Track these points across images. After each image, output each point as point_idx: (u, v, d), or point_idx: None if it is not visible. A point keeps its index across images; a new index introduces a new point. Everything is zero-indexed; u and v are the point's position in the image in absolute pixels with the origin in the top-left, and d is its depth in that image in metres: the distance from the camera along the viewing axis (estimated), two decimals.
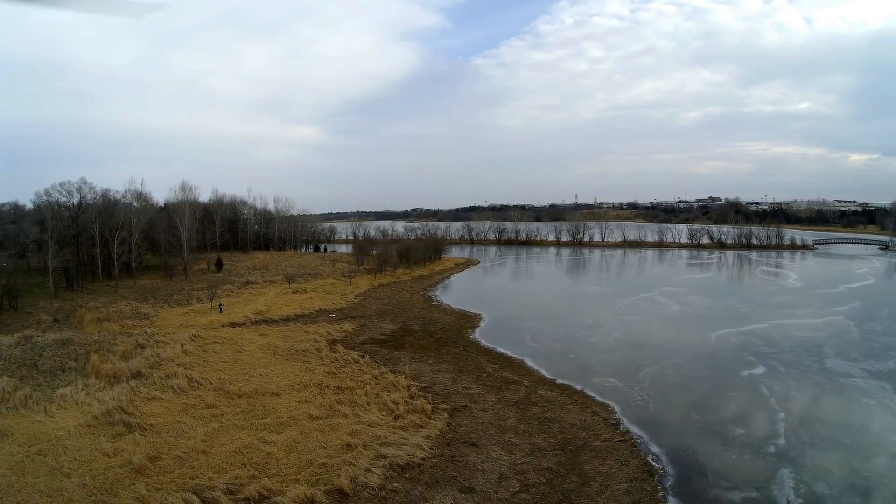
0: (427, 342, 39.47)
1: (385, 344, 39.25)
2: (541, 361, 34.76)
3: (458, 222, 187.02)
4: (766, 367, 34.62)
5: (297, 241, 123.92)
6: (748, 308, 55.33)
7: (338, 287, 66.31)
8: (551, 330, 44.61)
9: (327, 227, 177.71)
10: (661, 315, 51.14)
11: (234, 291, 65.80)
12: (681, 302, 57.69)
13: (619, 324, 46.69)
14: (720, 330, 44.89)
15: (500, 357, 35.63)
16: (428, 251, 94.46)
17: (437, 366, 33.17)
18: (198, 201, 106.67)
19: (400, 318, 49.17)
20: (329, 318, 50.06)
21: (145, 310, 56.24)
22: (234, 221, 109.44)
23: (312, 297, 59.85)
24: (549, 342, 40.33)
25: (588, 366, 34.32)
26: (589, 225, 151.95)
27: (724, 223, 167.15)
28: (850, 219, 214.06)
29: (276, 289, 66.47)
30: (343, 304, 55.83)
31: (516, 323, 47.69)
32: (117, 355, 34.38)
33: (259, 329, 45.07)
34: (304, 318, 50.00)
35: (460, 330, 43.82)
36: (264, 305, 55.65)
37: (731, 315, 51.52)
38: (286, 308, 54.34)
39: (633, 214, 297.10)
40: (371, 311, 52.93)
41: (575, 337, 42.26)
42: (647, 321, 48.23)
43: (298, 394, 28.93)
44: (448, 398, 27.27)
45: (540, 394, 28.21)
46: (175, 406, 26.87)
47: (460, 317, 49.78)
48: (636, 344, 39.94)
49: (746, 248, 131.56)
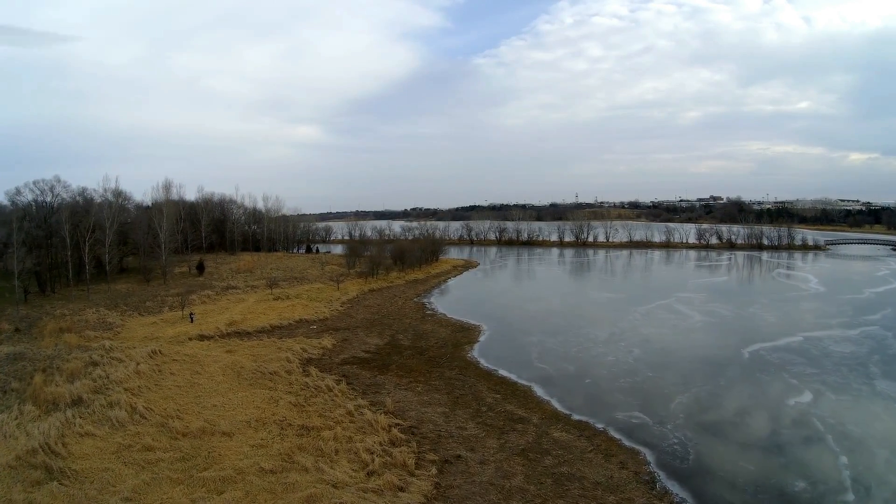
0: (417, 362, 33.85)
1: (368, 364, 33.68)
2: (551, 389, 29.23)
3: (458, 222, 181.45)
4: (812, 394, 29.67)
5: (289, 242, 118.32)
6: (775, 317, 49.98)
7: (324, 293, 60.75)
8: (561, 346, 38.96)
9: (322, 226, 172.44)
10: (682, 327, 45.57)
11: (211, 297, 60.31)
12: (701, 310, 52.12)
13: (637, 338, 41.11)
14: (752, 345, 39.57)
15: (503, 383, 30.01)
16: (424, 252, 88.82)
17: (426, 395, 27.60)
18: (185, 200, 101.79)
19: (388, 330, 43.56)
20: (309, 329, 44.55)
21: (112, 318, 51.22)
22: (223, 221, 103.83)
23: (294, 304, 54.29)
24: (560, 362, 34.66)
25: (608, 394, 28.74)
26: (593, 225, 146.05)
27: (727, 222, 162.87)
28: (855, 218, 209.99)
29: (256, 295, 60.93)
30: (326, 314, 50.21)
31: (520, 337, 42.00)
32: (64, 375, 30.67)
33: (228, 343, 39.83)
34: (281, 330, 44.49)
35: (456, 346, 38.22)
36: (240, 314, 50.17)
37: (759, 326, 46.12)
38: (263, 317, 48.86)
39: (635, 214, 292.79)
40: (357, 321, 47.33)
41: (589, 355, 36.58)
42: (669, 334, 42.69)
43: (254, 434, 23.57)
44: (438, 444, 21.71)
45: (553, 436, 22.64)
46: (109, 446, 22.03)
47: (457, 329, 44.18)
48: (661, 364, 34.40)
49: (757, 248, 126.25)
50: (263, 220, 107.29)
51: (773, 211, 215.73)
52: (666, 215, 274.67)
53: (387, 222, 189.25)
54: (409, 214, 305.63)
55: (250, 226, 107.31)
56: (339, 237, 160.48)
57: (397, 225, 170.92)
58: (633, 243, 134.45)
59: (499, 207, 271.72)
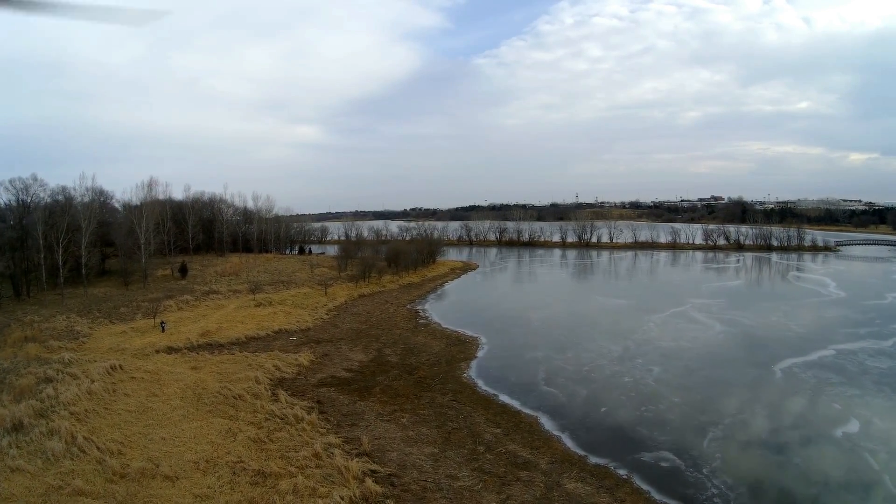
0: (405, 384, 29.39)
1: (347, 386, 29.26)
2: (562, 420, 24.85)
3: (457, 222, 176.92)
4: (859, 422, 25.65)
5: (281, 243, 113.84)
6: (801, 327, 45.71)
7: (310, 298, 56.35)
8: (570, 364, 34.42)
9: (319, 226, 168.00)
10: (703, 339, 41.12)
11: (189, 303, 55.97)
12: (721, 319, 47.68)
13: (655, 353, 36.64)
14: (782, 360, 35.36)
15: (504, 412, 25.58)
16: (420, 254, 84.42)
17: (412, 429, 23.18)
18: (173, 199, 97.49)
19: (375, 343, 39.08)
20: (288, 341, 40.20)
21: (81, 326, 47.29)
22: (212, 222, 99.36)
23: (276, 312, 49.90)
24: (570, 385, 30.11)
25: (629, 428, 24.30)
26: (596, 225, 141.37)
27: (730, 223, 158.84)
28: (860, 218, 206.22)
29: (238, 300, 56.54)
30: (309, 323, 45.79)
31: (523, 352, 37.39)
32: (13, 393, 27.73)
33: (196, 358, 35.72)
34: (257, 342, 40.14)
35: (451, 363, 33.75)
36: (216, 323, 45.84)
37: (785, 337, 41.84)
38: (241, 327, 44.57)
39: (637, 214, 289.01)
40: (342, 332, 42.89)
41: (602, 375, 32.00)
42: (690, 348, 38.26)
43: (201, 479, 19.46)
44: (422, 502, 17.31)
45: (566, 489, 18.24)
46: (37, 486, 18.61)
47: (452, 342, 39.71)
48: (685, 386, 30.01)
49: (766, 249, 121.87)
50: (254, 221, 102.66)
51: (776, 211, 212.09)
52: (668, 215, 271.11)
53: (384, 222, 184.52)
54: (408, 214, 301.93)
55: (240, 226, 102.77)
56: (336, 237, 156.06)
57: (394, 225, 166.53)
58: (638, 244, 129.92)
59: (499, 207, 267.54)
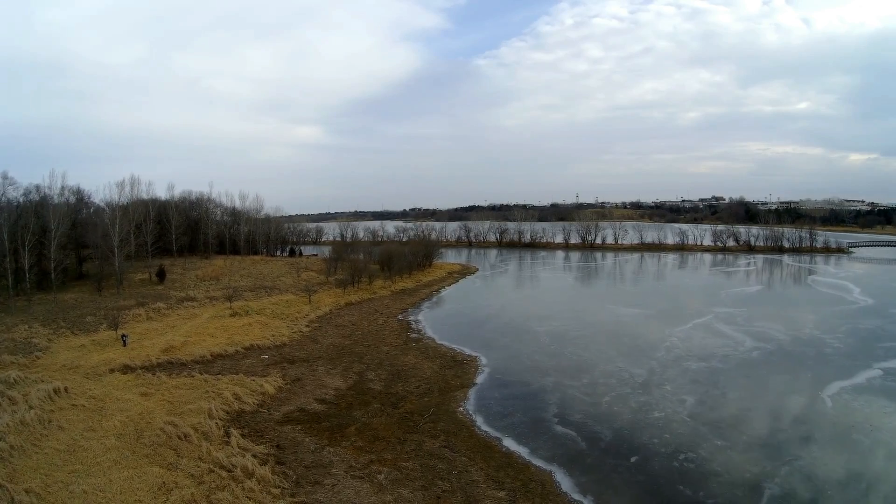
0: (387, 422, 24.17)
1: (317, 424, 24.08)
2: (583, 476, 19.66)
3: (456, 222, 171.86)
4: None
5: (272, 244, 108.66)
6: (837, 341, 40.77)
7: (292, 307, 51.23)
8: (587, 392, 29.14)
9: (314, 227, 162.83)
10: (735, 358, 35.86)
11: (160, 312, 50.93)
12: (750, 332, 42.53)
13: (684, 377, 31.43)
14: (828, 385, 30.57)
15: (510, 464, 20.36)
16: (416, 257, 79.32)
17: (391, 491, 18.00)
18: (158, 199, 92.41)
19: (358, 364, 33.83)
20: (259, 360, 35.15)
21: (39, 338, 42.86)
22: (197, 222, 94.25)
23: (252, 323, 44.79)
24: (589, 423, 24.88)
25: (668, 485, 19.07)
26: (601, 225, 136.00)
27: (734, 223, 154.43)
28: (866, 219, 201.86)
29: (214, 308, 51.45)
30: (286, 337, 40.62)
31: (531, 377, 31.93)
32: None
33: (151, 381, 30.96)
34: (224, 360, 35.09)
35: (445, 392, 28.50)
36: (183, 337, 40.82)
37: (825, 354, 36.92)
38: (209, 341, 39.55)
39: (639, 214, 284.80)
40: (321, 349, 37.68)
41: (627, 409, 26.68)
42: (723, 370, 33.06)
43: None
44: None
45: None
46: None
47: (447, 362, 34.44)
48: (727, 423, 24.86)
49: (777, 251, 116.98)
50: (240, 221, 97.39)
51: (781, 211, 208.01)
52: (670, 215, 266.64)
53: (380, 223, 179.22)
54: (407, 215, 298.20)
55: (227, 227, 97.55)
56: (331, 238, 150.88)
57: (392, 225, 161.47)
58: (645, 246, 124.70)
59: (498, 208, 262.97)
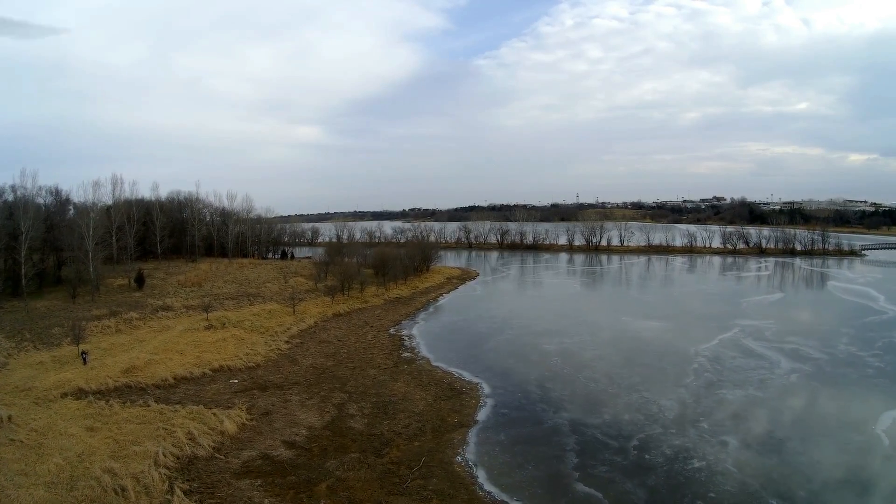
0: (366, 478, 19.48)
1: (281, 478, 19.47)
2: None
3: (455, 223, 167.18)
4: None
5: (263, 246, 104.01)
6: (877, 359, 36.75)
7: (273, 318, 46.65)
8: (611, 434, 24.31)
9: (309, 227, 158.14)
10: (774, 385, 31.04)
11: (131, 323, 46.46)
12: (782, 350, 37.89)
13: (720, 410, 26.78)
14: (881, 416, 26.69)
15: None
16: (413, 260, 74.71)
17: None
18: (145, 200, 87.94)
19: (339, 392, 29.15)
20: (228, 384, 30.60)
21: None
22: (183, 224, 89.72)
23: (227, 338, 40.23)
24: (618, 477, 20.06)
25: None
26: (606, 226, 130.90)
27: (740, 223, 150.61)
28: (871, 220, 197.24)
29: (189, 319, 46.92)
30: (261, 357, 35.99)
31: (543, 413, 27.03)
32: None
33: (103, 410, 27.15)
34: (188, 384, 30.59)
35: (439, 434, 23.80)
36: (150, 354, 36.37)
37: (870, 379, 32.74)
38: (177, 360, 35.10)
39: (641, 214, 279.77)
40: (299, 371, 33.03)
41: (661, 457, 21.78)
42: (763, 401, 28.39)
43: None
44: None
45: None
46: None
47: (443, 392, 29.71)
48: (780, 472, 20.26)
49: (789, 254, 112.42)
50: (229, 222, 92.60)
51: (786, 212, 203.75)
52: (672, 216, 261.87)
53: (377, 223, 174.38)
54: (406, 215, 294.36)
55: (216, 228, 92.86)
56: (328, 239, 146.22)
57: (389, 226, 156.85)
58: (652, 248, 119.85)
59: (499, 208, 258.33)
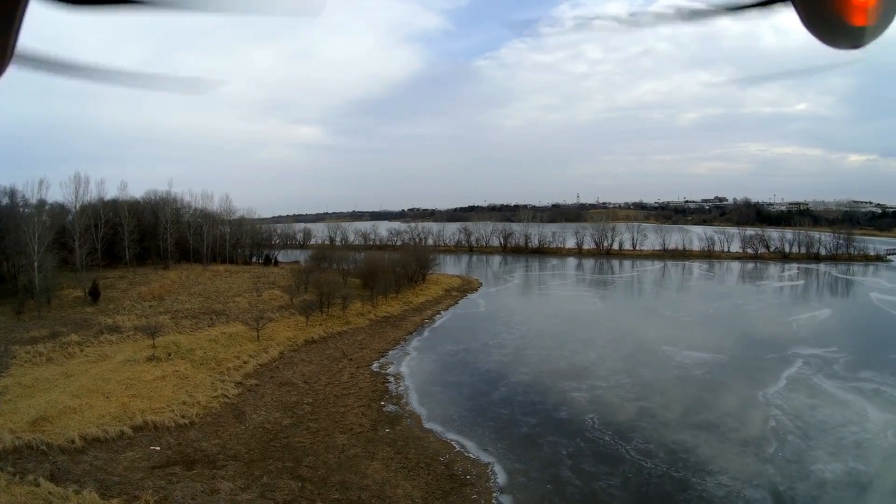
0: None
1: None
2: None
3: (455, 223, 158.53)
4: None
5: (245, 250, 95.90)
6: None
7: (232, 346, 38.49)
8: None
9: (301, 229, 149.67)
10: (873, 449, 22.93)
11: (65, 350, 38.49)
12: (863, 392, 29.69)
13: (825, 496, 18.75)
14: None
15: None
16: (407, 269, 66.66)
17: None
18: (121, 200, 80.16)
19: (288, 480, 20.65)
20: (147, 452, 22.60)
21: None
22: (154, 227, 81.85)
23: (168, 374, 32.09)
24: None
25: None
26: (617, 229, 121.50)
27: (746, 224, 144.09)
28: (882, 222, 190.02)
29: (133, 345, 38.86)
30: (200, 407, 27.68)
31: None
32: None
33: None
34: (100, 448, 22.68)
35: None
36: (71, 396, 28.74)
37: None
38: (100, 407, 27.34)
39: (644, 215, 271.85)
40: (244, 434, 24.81)
41: None
42: (867, 476, 20.43)
43: None
44: None
45: None
46: None
47: (438, 483, 21.38)
48: None
49: (814, 259, 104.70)
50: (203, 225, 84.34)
51: (793, 212, 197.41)
52: (675, 216, 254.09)
53: (373, 224, 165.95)
54: (405, 215, 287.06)
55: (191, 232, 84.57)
56: (321, 241, 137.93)
57: (385, 227, 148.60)
58: (668, 252, 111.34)
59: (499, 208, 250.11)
